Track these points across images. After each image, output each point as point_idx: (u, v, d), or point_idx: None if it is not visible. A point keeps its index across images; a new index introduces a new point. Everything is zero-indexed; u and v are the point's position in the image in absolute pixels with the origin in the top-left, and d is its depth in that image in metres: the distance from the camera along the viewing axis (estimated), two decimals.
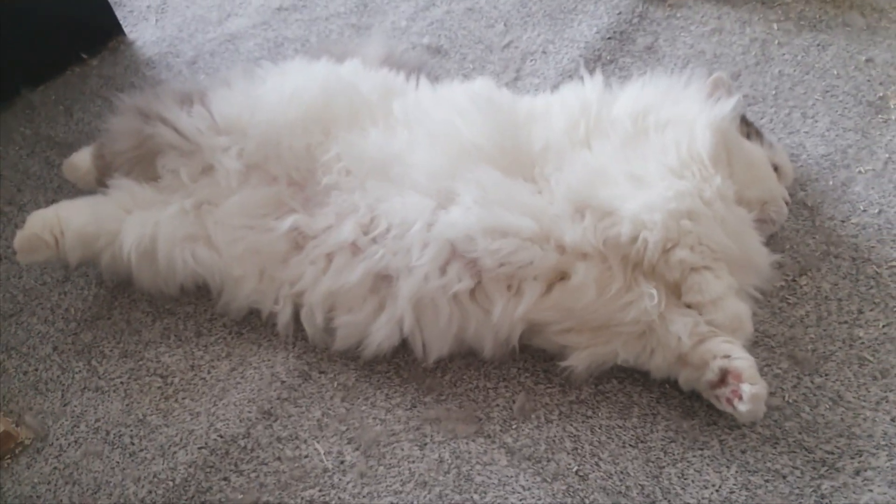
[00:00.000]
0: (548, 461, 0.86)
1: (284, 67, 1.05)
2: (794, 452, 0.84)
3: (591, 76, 1.00)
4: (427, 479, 0.85)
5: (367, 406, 0.92)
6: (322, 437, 0.90)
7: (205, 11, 1.51)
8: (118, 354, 1.00)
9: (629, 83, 0.99)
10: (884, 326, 0.93)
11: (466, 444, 0.88)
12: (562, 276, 0.87)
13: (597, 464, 0.85)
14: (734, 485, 0.82)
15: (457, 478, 0.85)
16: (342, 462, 0.88)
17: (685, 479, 0.83)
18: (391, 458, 0.87)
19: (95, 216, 0.98)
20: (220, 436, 0.90)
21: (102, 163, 1.09)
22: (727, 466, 0.84)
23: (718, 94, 0.94)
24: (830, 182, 1.08)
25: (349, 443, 0.89)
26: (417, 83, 1.04)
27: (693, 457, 0.85)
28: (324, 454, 0.88)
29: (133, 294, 1.05)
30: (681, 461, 0.85)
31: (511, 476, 0.85)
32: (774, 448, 0.85)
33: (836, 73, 1.22)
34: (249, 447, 0.89)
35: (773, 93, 1.21)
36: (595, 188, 0.87)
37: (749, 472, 0.83)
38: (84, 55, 1.41)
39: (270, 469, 0.87)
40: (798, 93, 1.21)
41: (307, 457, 0.88)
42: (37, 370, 0.99)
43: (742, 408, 0.80)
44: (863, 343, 0.92)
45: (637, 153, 0.90)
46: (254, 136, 0.96)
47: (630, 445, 0.86)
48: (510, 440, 0.88)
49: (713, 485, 0.83)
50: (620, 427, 0.88)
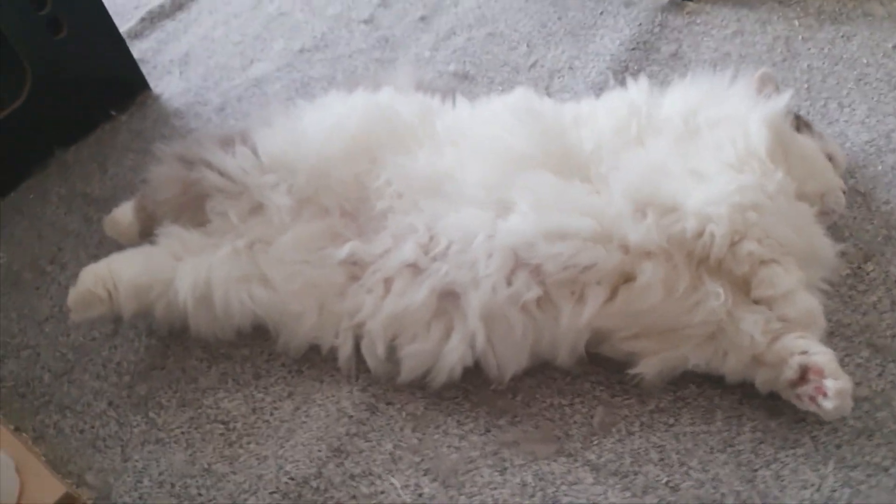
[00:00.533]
0: (635, 475, 0.83)
1: (322, 102, 1.05)
2: (892, 443, 0.81)
3: (636, 82, 1.00)
4: None
5: (440, 434, 0.89)
6: (397, 471, 0.87)
7: (227, 59, 1.53)
8: (176, 404, 0.97)
9: (672, 86, 0.99)
10: None
11: (548, 465, 0.85)
12: (626, 279, 0.85)
13: (687, 473, 0.82)
14: (835, 482, 0.79)
15: (543, 501, 0.82)
16: (420, 495, 0.84)
17: (782, 481, 0.80)
18: (471, 487, 0.84)
19: (147, 266, 0.97)
20: (291, 478, 0.87)
21: (145, 215, 1.08)
22: (824, 464, 0.80)
23: (768, 91, 0.94)
24: (879, 167, 1.07)
25: (425, 474, 0.86)
26: (454, 103, 1.04)
27: (786, 457, 0.81)
28: (400, 488, 0.85)
29: (186, 342, 1.03)
30: (774, 462, 0.81)
31: (599, 494, 0.82)
32: (870, 440, 0.81)
33: (866, 62, 1.22)
34: (322, 487, 0.86)
35: (806, 86, 1.21)
36: (655, 184, 0.86)
37: (848, 468, 0.80)
38: (113, 112, 1.42)
39: None
40: (830, 84, 1.20)
41: (384, 492, 0.85)
42: (93, 427, 0.97)
43: (828, 405, 0.77)
44: None
45: (692, 150, 0.89)
46: (302, 171, 0.96)
47: (718, 451, 0.83)
48: (593, 457, 0.85)
49: (812, 484, 0.79)
50: (705, 433, 0.85)
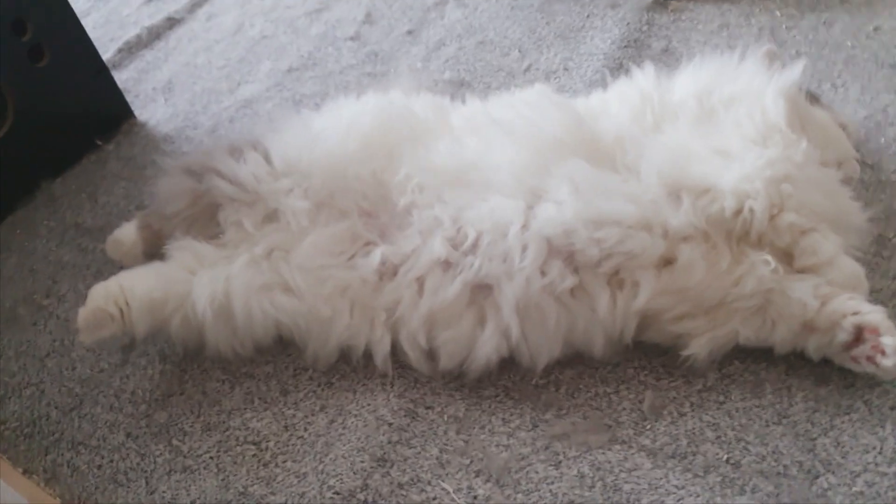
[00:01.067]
0: (694, 455, 0.80)
1: (331, 106, 1.03)
2: None
3: (641, 70, 1.00)
4: (573, 498, 0.79)
5: (486, 434, 0.86)
6: (446, 475, 0.83)
7: (213, 84, 1.50)
8: (200, 429, 0.92)
9: (680, 70, 1.00)
10: None
11: (603, 454, 0.82)
12: (666, 263, 0.85)
13: (745, 448, 0.80)
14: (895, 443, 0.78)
15: (604, 490, 0.79)
16: (475, 497, 0.81)
17: (842, 447, 0.78)
18: (527, 484, 0.81)
19: (161, 281, 0.92)
20: (336, 493, 0.82)
21: (150, 233, 1.04)
22: (881, 426, 0.80)
23: (775, 66, 0.95)
24: (882, 140, 1.09)
25: (477, 475, 0.82)
26: (463, 100, 1.04)
27: (842, 423, 0.80)
28: (453, 492, 0.81)
29: (203, 364, 0.98)
30: (831, 429, 0.80)
31: (660, 478, 0.79)
32: None
33: (851, 45, 1.26)
34: (370, 499, 0.82)
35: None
36: (685, 167, 0.85)
37: None
38: (98, 141, 1.37)
39: None
40: (821, 67, 1.24)
41: (436, 499, 0.81)
42: (112, 461, 0.90)
43: (887, 362, 0.77)
44: None
45: (712, 130, 0.89)
46: (318, 174, 0.93)
47: (774, 423, 0.82)
48: (648, 442, 0.82)
49: (873, 447, 0.78)
50: (757, 406, 0.83)
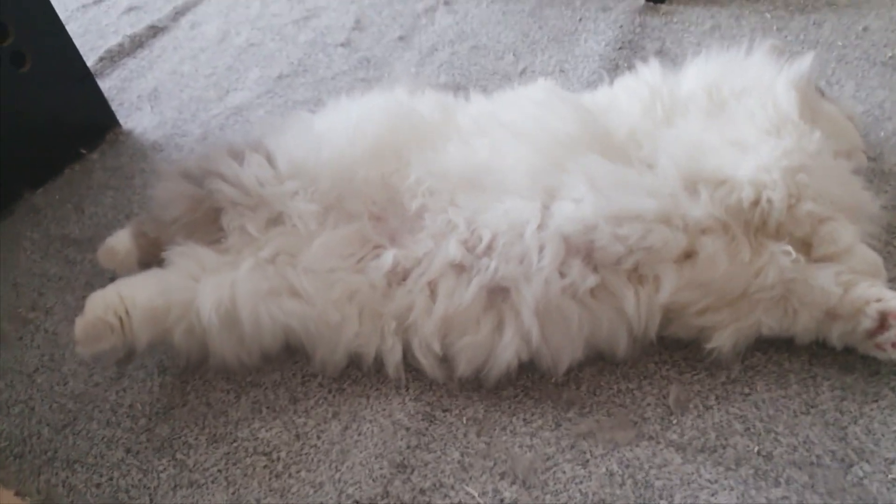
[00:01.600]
0: (724, 448, 0.79)
1: (334, 106, 1.01)
2: None
3: (646, 65, 1.00)
4: (604, 497, 0.76)
5: (508, 435, 0.83)
6: (470, 479, 0.80)
7: (201, 92, 1.46)
8: (206, 441, 0.87)
9: (686, 65, 0.99)
10: None
11: (631, 451, 0.80)
12: (686, 256, 0.83)
13: (776, 439, 0.78)
14: None
15: (635, 487, 0.77)
16: (502, 500, 0.77)
17: (874, 435, 0.77)
18: (555, 484, 0.78)
19: (162, 289, 0.88)
20: (356, 501, 0.79)
21: (145, 240, 0.99)
22: None
23: (783, 59, 0.95)
24: (882, 133, 1.10)
25: (502, 478, 0.79)
26: (467, 98, 1.02)
27: (871, 410, 0.79)
28: (479, 496, 0.78)
29: (205, 375, 0.94)
30: (861, 417, 0.79)
31: (691, 472, 0.77)
32: None
33: (842, 44, 1.28)
34: None
35: None
36: (700, 160, 0.85)
37: None
38: (83, 150, 1.33)
39: None
40: (814, 65, 1.25)
41: (461, 503, 0.78)
42: (112, 479, 0.85)
43: None
44: None
45: (724, 123, 0.89)
46: (325, 177, 0.90)
47: (802, 413, 0.80)
48: (675, 436, 0.80)
49: None
50: (784, 397, 0.82)
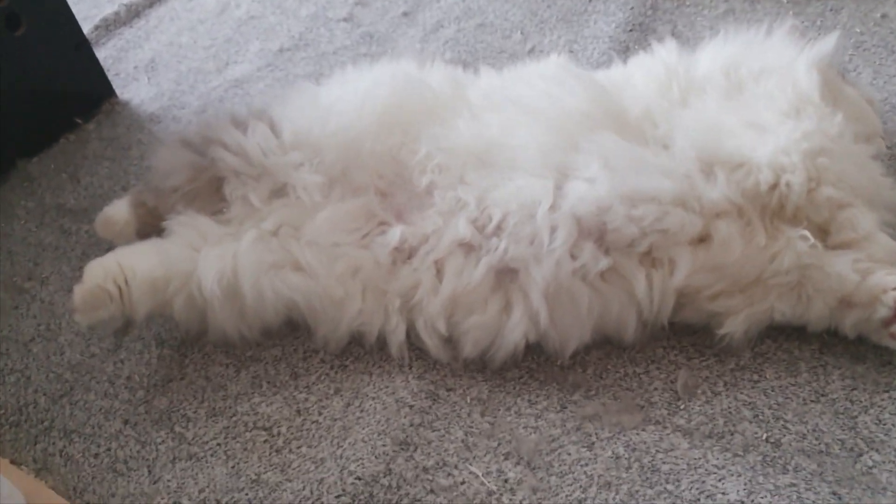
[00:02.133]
0: (731, 434, 0.78)
1: (341, 77, 0.98)
2: None
3: (662, 44, 0.98)
4: (609, 480, 0.75)
5: (513, 416, 0.82)
6: (474, 459, 0.79)
7: (200, 63, 1.43)
8: (205, 415, 0.86)
9: (703, 45, 0.98)
10: None
11: (638, 435, 0.79)
12: (701, 240, 0.82)
13: (785, 427, 0.78)
14: None
15: (641, 471, 0.76)
16: (506, 480, 0.76)
17: (884, 425, 0.77)
18: (560, 466, 0.77)
19: (163, 258, 0.86)
20: (358, 478, 0.77)
21: (144, 210, 0.97)
22: None
23: (801, 41, 0.93)
24: None
25: (506, 458, 0.78)
26: (476, 72, 1.00)
27: (882, 400, 0.79)
28: (483, 476, 0.77)
29: (204, 348, 0.92)
30: (871, 407, 0.78)
31: (699, 458, 0.76)
32: None
33: (859, 31, 1.26)
34: (395, 485, 0.77)
35: None
36: (718, 142, 0.83)
37: None
38: (78, 120, 1.30)
39: None
40: (837, 46, 1.23)
41: (464, 483, 0.77)
42: (109, 449, 0.84)
43: None
44: None
45: (742, 104, 0.87)
46: (330, 149, 0.88)
47: (812, 401, 0.79)
48: (683, 422, 0.79)
49: None
50: (793, 385, 0.81)
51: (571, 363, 0.86)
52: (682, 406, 0.81)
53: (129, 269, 0.84)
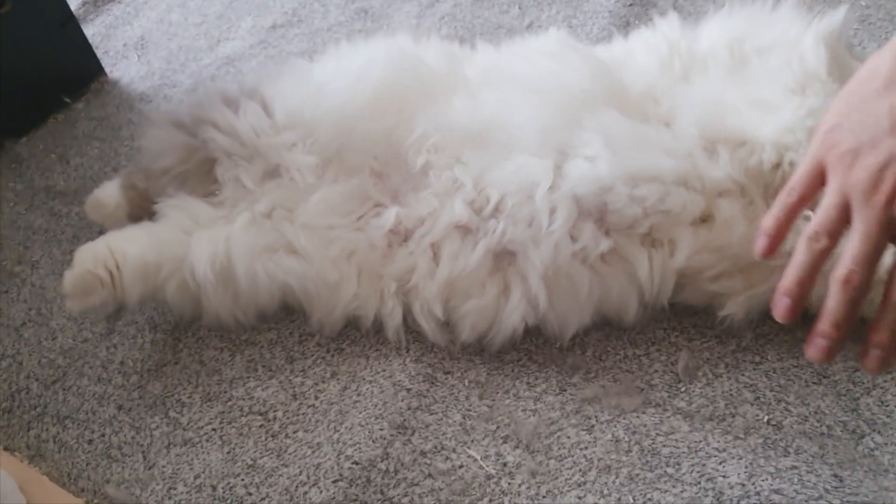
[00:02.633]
0: (732, 417, 0.77)
1: (335, 53, 0.96)
2: None
3: (665, 18, 0.95)
4: (609, 463, 0.74)
5: (511, 399, 0.81)
6: (472, 442, 0.78)
7: (190, 41, 1.40)
8: (200, 399, 0.85)
9: (706, 19, 0.95)
10: None
11: (638, 418, 0.78)
12: (702, 220, 0.80)
13: (786, 409, 0.77)
14: None
15: (641, 454, 0.75)
16: (505, 464, 0.76)
17: (887, 406, 0.76)
18: (560, 449, 0.76)
19: (154, 243, 0.84)
20: (355, 462, 0.76)
21: (135, 193, 0.95)
22: None
23: (809, 15, 0.91)
24: None
25: (505, 441, 0.77)
26: (473, 47, 0.97)
27: (885, 382, 0.78)
28: (481, 459, 0.76)
29: (198, 332, 0.91)
30: (874, 389, 0.77)
31: (699, 440, 0.75)
32: None
33: (865, 4, 1.23)
34: (393, 469, 0.76)
35: None
36: (720, 119, 0.81)
37: None
38: (67, 99, 1.27)
39: (425, 488, 0.74)
40: (846, 20, 1.20)
41: (462, 466, 0.76)
42: (104, 435, 0.83)
43: None
44: None
45: (746, 80, 0.85)
46: (324, 128, 0.86)
47: (814, 383, 0.78)
48: (683, 404, 0.78)
49: None
50: (795, 367, 0.80)
51: (570, 345, 0.85)
52: (683, 388, 0.80)
53: (120, 254, 0.83)
